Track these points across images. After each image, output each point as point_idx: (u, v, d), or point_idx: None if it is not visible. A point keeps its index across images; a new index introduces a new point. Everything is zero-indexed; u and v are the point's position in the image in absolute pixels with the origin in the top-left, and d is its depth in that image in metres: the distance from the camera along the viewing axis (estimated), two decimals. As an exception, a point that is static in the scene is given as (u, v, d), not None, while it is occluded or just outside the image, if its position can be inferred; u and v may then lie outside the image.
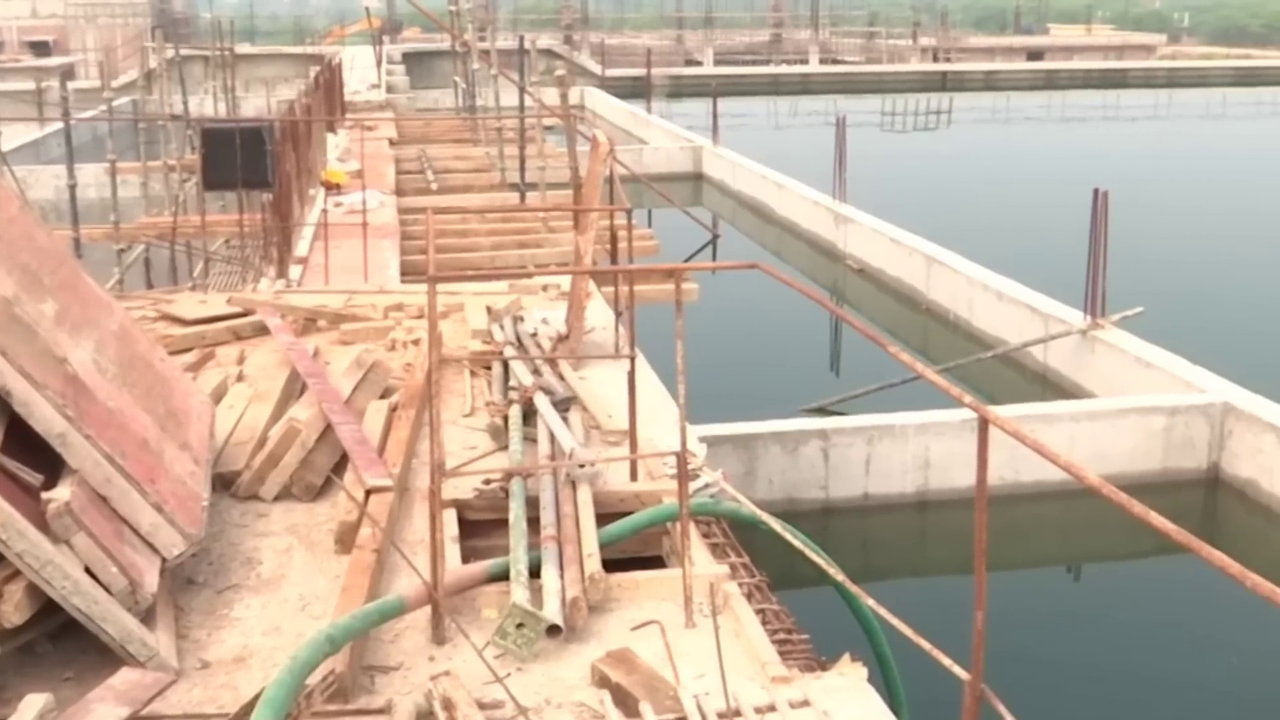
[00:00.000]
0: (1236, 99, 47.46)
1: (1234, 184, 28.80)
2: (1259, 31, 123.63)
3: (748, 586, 5.96)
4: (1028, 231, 22.12)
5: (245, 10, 68.78)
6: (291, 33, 62.89)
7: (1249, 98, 48.21)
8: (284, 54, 47.08)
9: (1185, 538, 3.15)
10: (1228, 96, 47.95)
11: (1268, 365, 14.01)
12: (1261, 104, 46.69)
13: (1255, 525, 10.49)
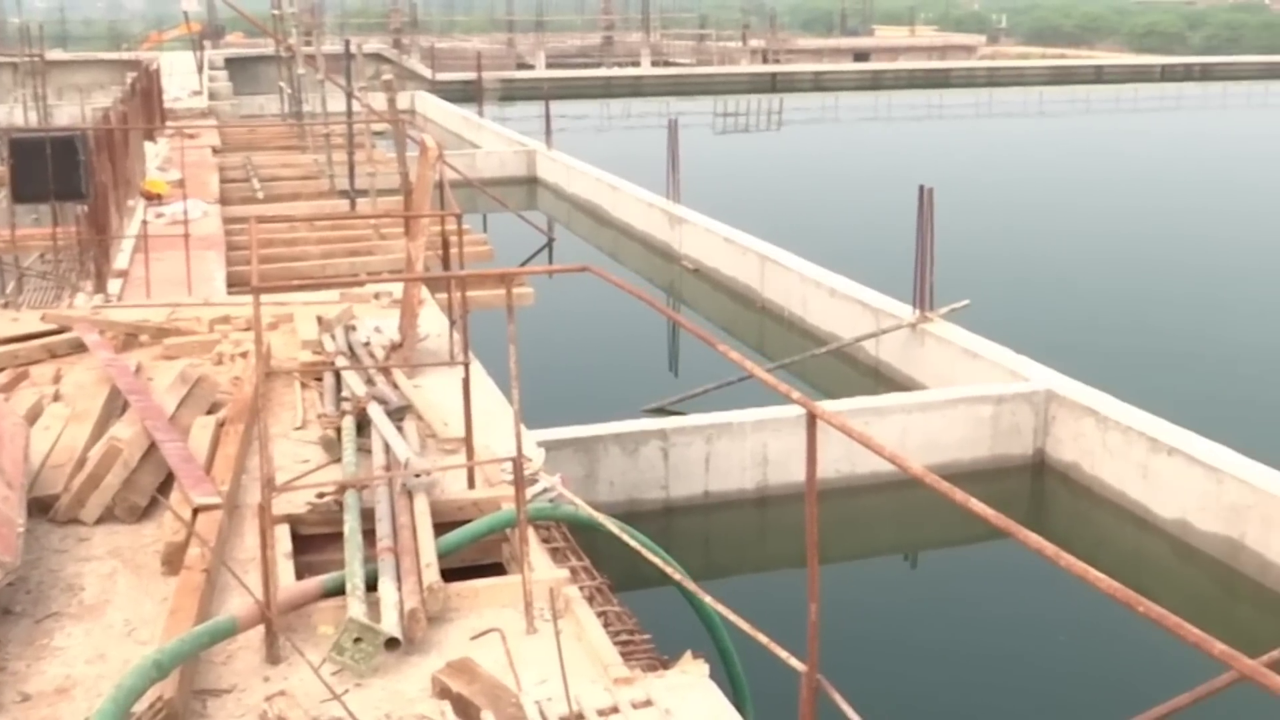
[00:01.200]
0: (1052, 97, 49.29)
1: (1052, 179, 29.88)
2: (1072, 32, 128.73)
3: (589, 589, 5.95)
4: (859, 229, 22.61)
5: (56, 15, 66.27)
6: (106, 38, 60.90)
7: (1064, 95, 50.12)
8: (99, 60, 45.51)
9: (1004, 522, 3.23)
10: (1044, 94, 49.77)
11: (1087, 352, 14.57)
12: (1075, 101, 48.56)
13: (1079, 507, 10.89)
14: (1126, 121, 44.48)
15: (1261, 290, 18.87)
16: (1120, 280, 19.46)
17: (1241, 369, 14.96)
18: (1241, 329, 16.65)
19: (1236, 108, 48.22)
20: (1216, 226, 23.98)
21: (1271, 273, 20.12)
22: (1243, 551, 9.39)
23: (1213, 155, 34.71)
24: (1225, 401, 13.59)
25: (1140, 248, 21.97)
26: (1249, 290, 18.87)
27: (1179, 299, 18.32)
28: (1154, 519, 10.18)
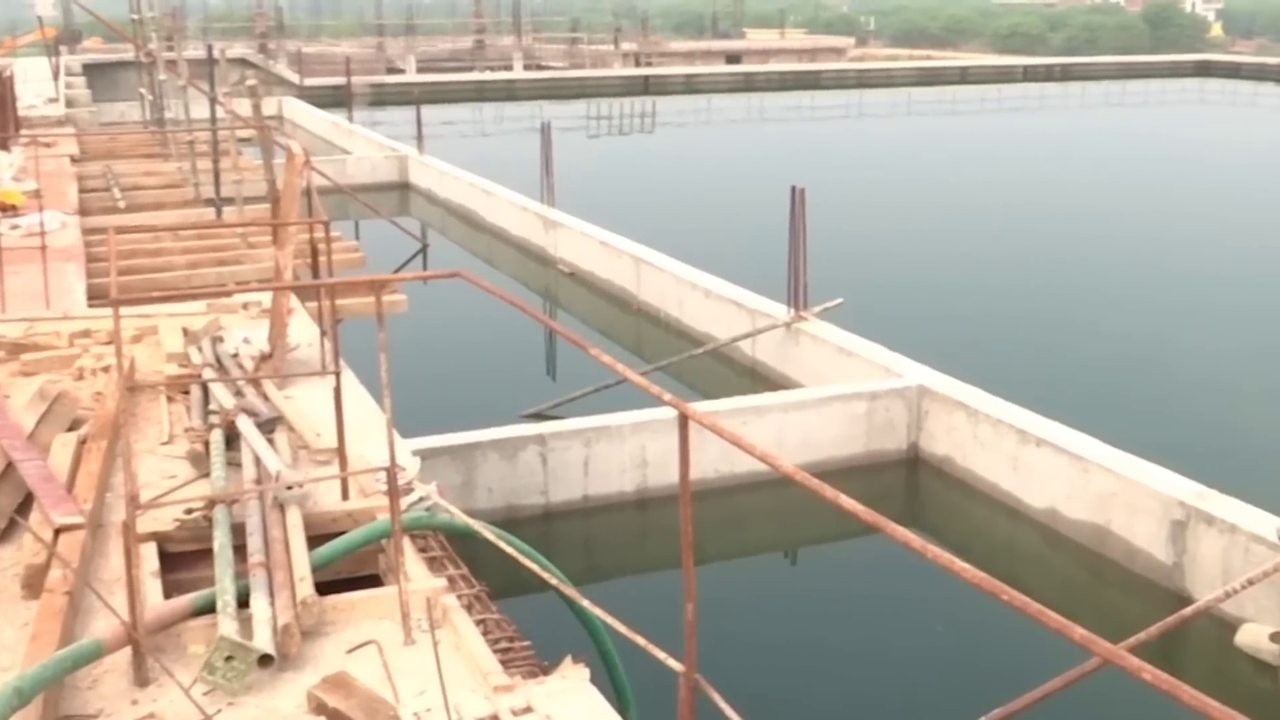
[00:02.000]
0: (920, 97, 50.26)
1: (922, 178, 30.46)
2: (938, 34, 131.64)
3: (467, 598, 5.90)
4: (734, 230, 22.78)
5: (-97, 21, 63.88)
6: (-43, 45, 58.77)
7: (931, 96, 51.13)
8: (-50, 68, 43.87)
9: (873, 518, 3.27)
10: (912, 95, 50.71)
11: (958, 347, 14.87)
12: (942, 102, 49.56)
13: (953, 499, 11.10)
14: (991, 121, 45.55)
15: (1121, 282, 19.46)
16: (988, 276, 19.90)
17: (1104, 359, 15.39)
18: (1103, 320, 17.14)
19: (1095, 107, 49.65)
20: (1078, 222, 24.67)
21: (1130, 264, 20.75)
22: (1109, 538, 9.66)
23: (1073, 153, 35.69)
24: (1090, 391, 13.98)
25: (1006, 244, 22.50)
26: (1110, 282, 19.45)
27: (1044, 293, 18.79)
28: (1025, 509, 10.42)
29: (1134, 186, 29.64)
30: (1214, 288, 19.14)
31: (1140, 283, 19.57)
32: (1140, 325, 16.95)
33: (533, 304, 17.61)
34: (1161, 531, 9.19)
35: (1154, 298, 18.51)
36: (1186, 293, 18.82)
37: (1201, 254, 21.71)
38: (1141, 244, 22.66)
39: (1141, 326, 16.88)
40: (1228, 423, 13.14)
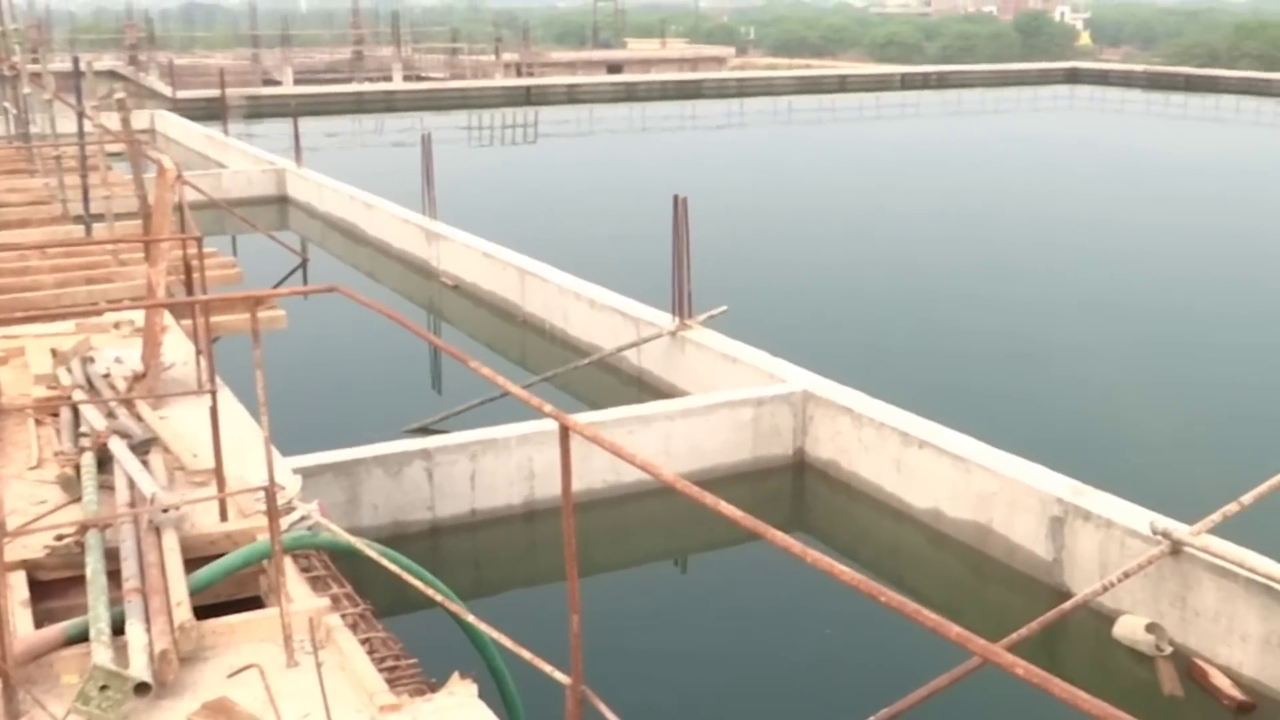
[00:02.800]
0: (800, 106, 50.92)
1: (803, 186, 30.83)
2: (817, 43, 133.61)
3: (352, 617, 5.80)
4: (618, 239, 22.83)
5: None
6: None
7: (811, 104, 51.84)
8: None
9: (753, 524, 3.27)
10: (792, 104, 51.36)
11: (841, 352, 15.07)
12: (822, 110, 50.29)
13: (838, 502, 11.22)
14: (871, 128, 46.28)
15: (997, 283, 19.88)
16: (870, 281, 20.20)
17: (983, 360, 15.71)
18: (982, 321, 17.49)
19: (970, 113, 50.74)
20: (955, 226, 25.18)
21: (1005, 266, 21.22)
22: (990, 536, 9.84)
23: (950, 158, 36.43)
24: (970, 392, 14.24)
25: (886, 249, 22.85)
26: (987, 284, 19.86)
27: (925, 296, 19.11)
28: (909, 510, 10.57)
29: (1009, 191, 30.32)
30: (1086, 287, 19.64)
31: (1016, 284, 20.02)
32: (1017, 326, 17.33)
33: (416, 317, 17.47)
34: (1041, 528, 9.39)
35: (1029, 298, 18.93)
36: (1060, 293, 19.28)
37: (1074, 255, 22.27)
38: (1017, 246, 23.20)
39: (1019, 327, 17.25)
40: (1102, 420, 13.48)
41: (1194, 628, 8.33)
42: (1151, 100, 54.15)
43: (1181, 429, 13.24)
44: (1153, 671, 8.21)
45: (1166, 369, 15.47)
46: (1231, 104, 49.95)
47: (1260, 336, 16.90)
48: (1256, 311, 18.36)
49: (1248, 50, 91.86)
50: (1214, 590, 8.17)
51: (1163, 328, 17.50)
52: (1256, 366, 15.51)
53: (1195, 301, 18.91)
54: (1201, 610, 8.27)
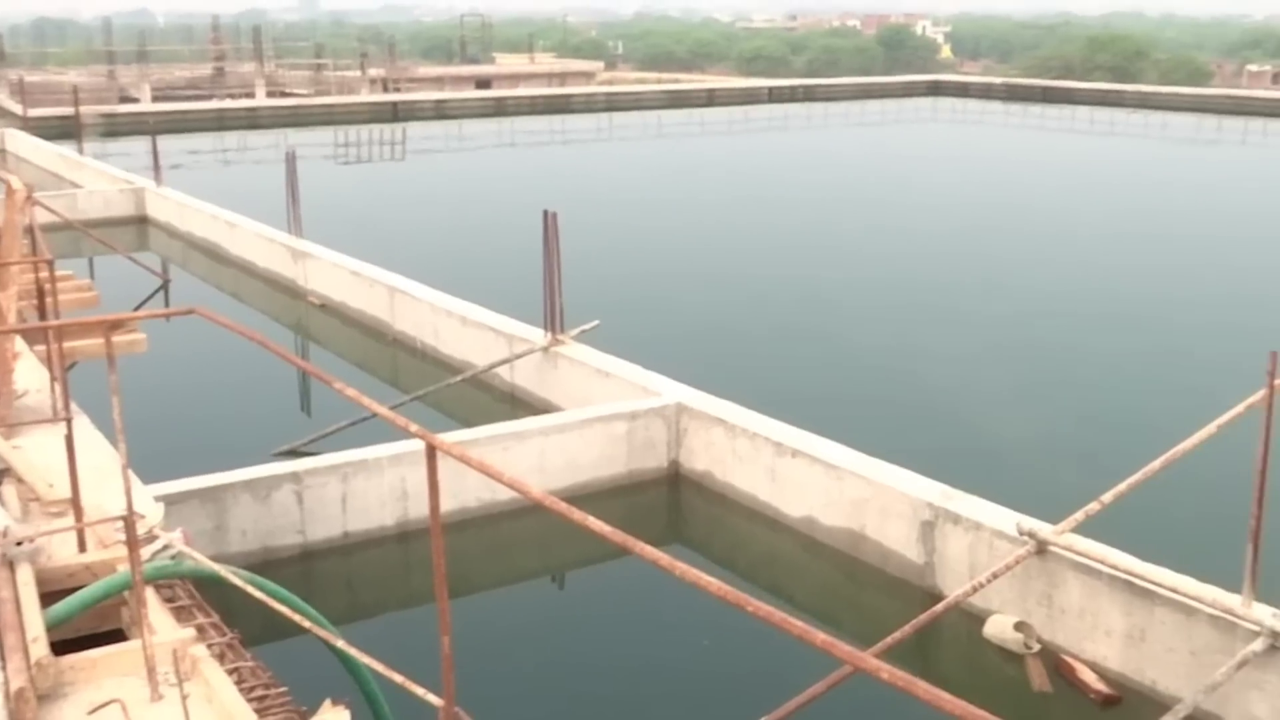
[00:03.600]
0: (669, 119, 51.27)
1: (673, 198, 31.03)
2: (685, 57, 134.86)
3: (219, 647, 5.64)
4: (490, 256, 22.71)
5: None
6: None
7: (680, 118, 52.24)
8: None
9: (621, 538, 3.25)
10: (661, 117, 51.69)
11: (715, 363, 15.15)
12: (690, 124, 50.68)
13: (714, 513, 11.26)
14: (740, 141, 46.78)
15: (866, 292, 20.21)
16: (741, 292, 20.38)
17: (854, 369, 15.94)
18: (851, 330, 17.76)
19: (837, 126, 51.59)
20: (825, 236, 25.56)
21: (873, 276, 21.58)
22: (864, 542, 9.97)
23: (819, 170, 36.98)
24: (842, 401, 14.44)
25: (757, 260, 23.09)
26: (856, 293, 20.17)
27: (795, 306, 19.36)
28: (784, 518, 10.66)
29: (875, 200, 30.88)
30: (950, 294, 20.08)
31: (883, 291, 20.37)
32: (886, 333, 17.63)
33: (282, 338, 17.15)
34: (912, 533, 9.54)
35: (896, 306, 19.27)
36: (924, 299, 19.67)
37: (939, 263, 22.75)
38: (883, 255, 23.61)
39: (888, 335, 17.55)
40: (970, 425, 13.76)
41: (1061, 625, 8.53)
42: (1010, 111, 55.68)
43: (1044, 431, 13.58)
44: (1022, 669, 8.38)
45: (1028, 373, 15.86)
46: (1086, 114, 51.55)
47: (1115, 340, 17.42)
48: (1110, 315, 18.93)
49: (1100, 63, 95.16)
50: (1078, 588, 8.38)
51: (1022, 332, 17.95)
52: (1113, 369, 15.99)
53: (1052, 306, 19.43)
54: (1067, 607, 8.47)
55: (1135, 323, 18.65)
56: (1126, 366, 16.19)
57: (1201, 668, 7.61)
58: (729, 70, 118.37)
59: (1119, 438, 12.95)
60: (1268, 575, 7.32)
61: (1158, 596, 7.92)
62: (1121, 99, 56.57)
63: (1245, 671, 7.30)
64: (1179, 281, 21.80)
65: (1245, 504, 7.33)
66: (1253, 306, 19.48)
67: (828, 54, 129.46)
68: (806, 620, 9.72)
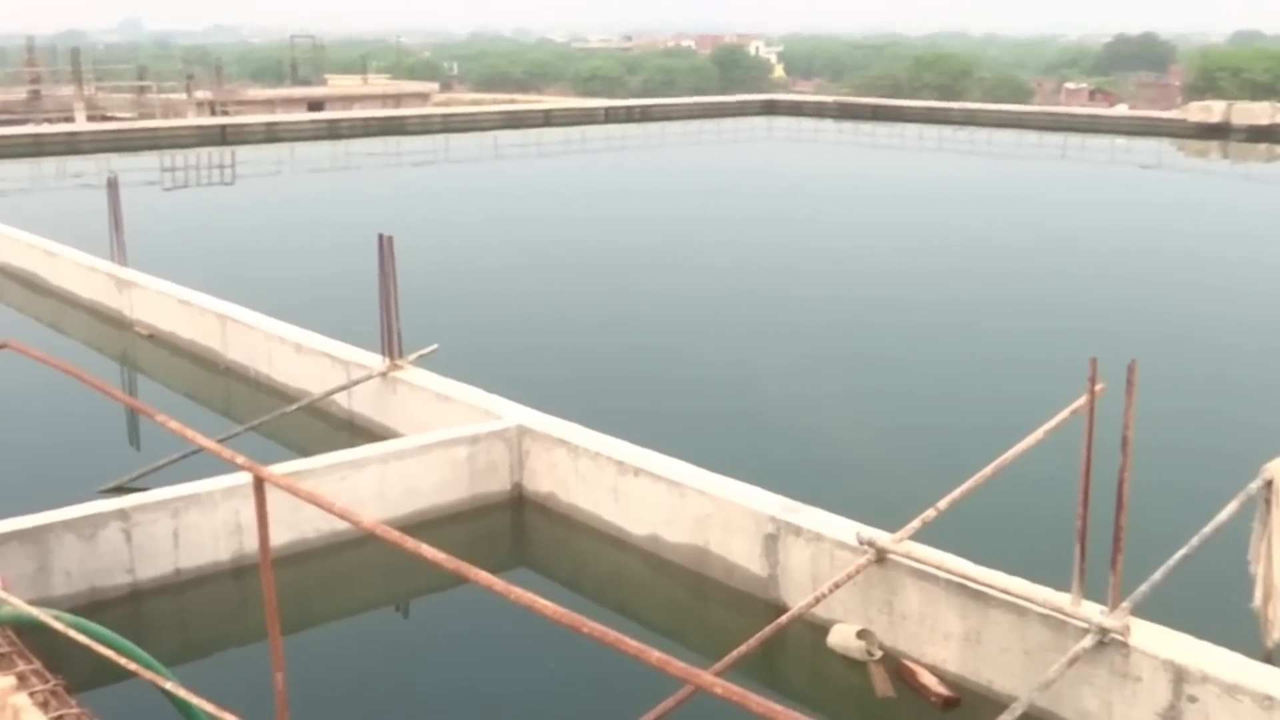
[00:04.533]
0: (506, 140, 51.14)
1: (512, 219, 30.92)
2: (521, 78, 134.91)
3: (42, 694, 5.39)
4: (326, 281, 22.32)
5: None
6: None
7: (517, 138, 52.16)
8: None
9: (455, 565, 3.19)
10: (498, 138, 51.52)
11: (557, 384, 15.10)
12: (528, 144, 50.64)
13: (558, 535, 11.20)
14: (577, 161, 46.91)
15: (703, 309, 20.40)
16: (582, 312, 20.40)
17: (694, 385, 16.05)
18: (689, 346, 17.88)
19: (674, 145, 52.09)
20: (663, 254, 25.74)
21: (709, 292, 21.79)
22: (709, 557, 10.01)
23: (656, 189, 37.29)
24: (684, 418, 14.52)
25: (596, 279, 23.15)
26: (693, 310, 20.35)
27: (635, 324, 19.44)
28: (629, 537, 10.65)
29: (714, 218, 31.24)
30: (790, 307, 20.40)
31: (722, 308, 20.59)
32: (726, 349, 17.81)
33: (107, 370, 16.57)
34: (755, 547, 9.62)
35: (735, 322, 19.49)
36: (766, 314, 19.96)
37: (778, 277, 23.09)
38: (722, 271, 23.88)
39: (727, 350, 17.73)
40: (811, 437, 13.96)
41: (901, 631, 8.68)
42: (843, 129, 56.99)
43: (883, 441, 13.86)
44: (866, 676, 8.51)
45: (866, 384, 16.18)
46: (915, 131, 53.01)
47: (947, 349, 17.90)
48: (942, 323, 19.46)
49: (927, 81, 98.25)
50: (917, 593, 8.54)
51: (858, 343, 18.32)
52: (947, 377, 16.41)
53: (886, 316, 19.89)
54: (907, 613, 8.63)
55: (966, 331, 19.20)
56: (960, 374, 16.64)
57: (1035, 666, 7.82)
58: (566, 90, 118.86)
59: (955, 445, 13.29)
60: (1095, 574, 7.55)
61: (992, 599, 8.12)
62: (948, 116, 58.35)
63: (1076, 668, 7.52)
64: (1007, 289, 22.54)
65: (1073, 506, 7.56)
66: (1077, 313, 20.22)
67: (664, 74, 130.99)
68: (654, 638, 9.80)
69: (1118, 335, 18.08)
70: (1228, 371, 16.89)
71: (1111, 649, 7.47)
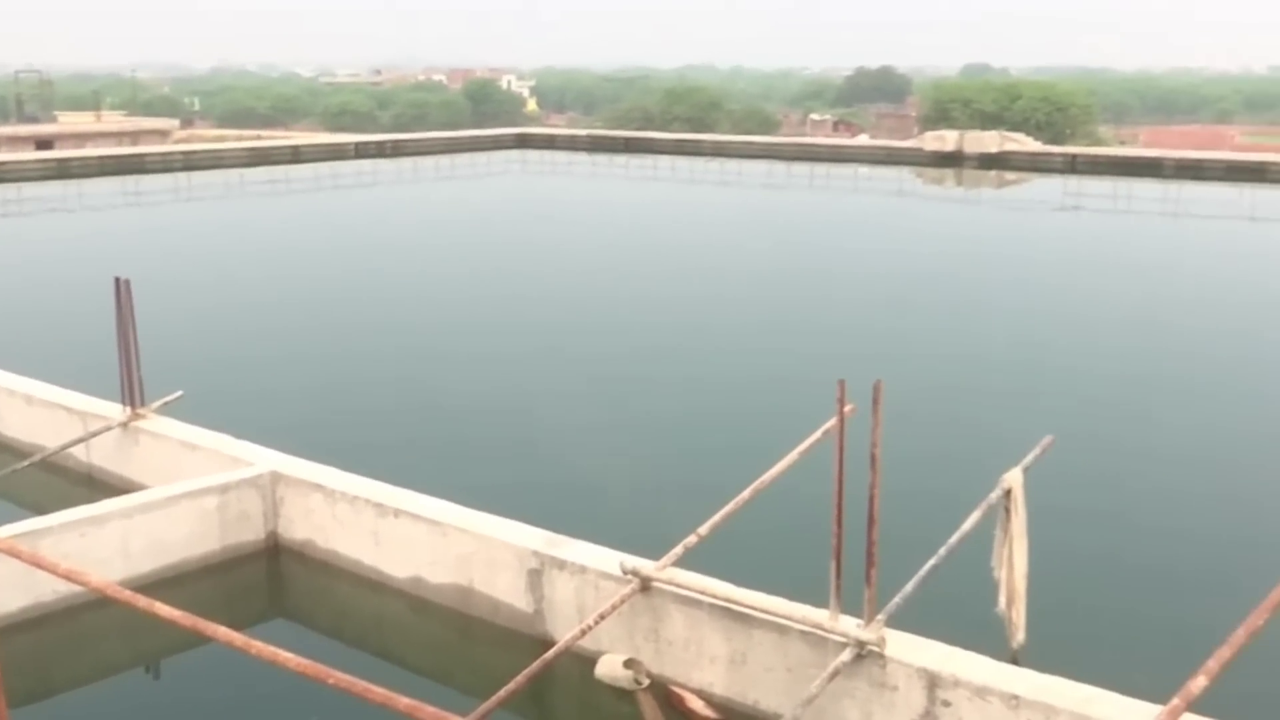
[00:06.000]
0: (253, 178, 49.67)
1: (258, 259, 30.05)
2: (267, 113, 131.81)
3: None
4: (61, 329, 21.20)
5: None
6: None
7: (264, 175, 50.71)
8: None
9: (191, 621, 3.02)
10: (244, 176, 50.01)
11: (311, 429, 14.67)
12: (276, 181, 49.33)
13: (317, 583, 10.85)
14: (329, 198, 45.95)
15: (463, 340, 20.20)
16: (335, 351, 19.91)
17: (458, 423, 15.84)
18: (455, 382, 17.66)
19: (427, 180, 51.62)
20: (418, 288, 25.41)
21: (473, 325, 21.62)
22: (473, 596, 9.86)
23: (410, 223, 36.85)
24: (447, 455, 14.32)
25: (350, 317, 22.64)
26: (456, 342, 20.13)
27: (394, 361, 19.08)
28: (391, 581, 10.40)
29: (469, 251, 31.06)
30: (546, 338, 20.38)
31: (481, 340, 20.43)
32: (485, 383, 17.66)
33: None
34: (520, 582, 9.52)
35: (494, 355, 19.35)
36: (522, 346, 19.87)
37: (533, 308, 23.06)
38: (479, 304, 23.74)
39: (486, 384, 17.59)
40: (573, 469, 13.94)
41: (668, 657, 8.71)
42: (596, 161, 57.57)
43: (645, 469, 13.95)
44: (635, 705, 8.50)
45: (624, 412, 16.29)
46: (668, 163, 53.97)
47: (703, 372, 18.21)
48: (697, 348, 19.80)
49: (678, 114, 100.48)
50: (682, 619, 8.59)
51: (616, 369, 18.44)
52: (705, 402, 16.67)
53: (642, 343, 20.11)
54: (673, 640, 8.67)
55: (724, 355, 19.57)
56: (718, 397, 16.92)
57: (798, 682, 7.95)
58: (314, 126, 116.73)
59: (716, 468, 13.46)
60: (851, 589, 7.73)
61: (755, 620, 8.23)
62: (699, 148, 59.58)
63: (837, 681, 7.68)
64: (764, 313, 23.08)
65: (829, 524, 7.73)
66: (832, 334, 20.88)
67: (415, 108, 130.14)
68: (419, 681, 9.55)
69: (868, 355, 18.74)
70: (971, 384, 17.71)
71: (869, 661, 7.66)
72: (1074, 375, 18.22)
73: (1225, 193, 41.90)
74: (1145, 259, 30.82)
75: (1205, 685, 3.19)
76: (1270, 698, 8.30)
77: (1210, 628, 7.12)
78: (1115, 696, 7.04)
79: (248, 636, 4.74)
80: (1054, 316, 22.99)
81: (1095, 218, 38.88)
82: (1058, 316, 22.96)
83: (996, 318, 22.76)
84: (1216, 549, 11.79)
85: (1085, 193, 43.27)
